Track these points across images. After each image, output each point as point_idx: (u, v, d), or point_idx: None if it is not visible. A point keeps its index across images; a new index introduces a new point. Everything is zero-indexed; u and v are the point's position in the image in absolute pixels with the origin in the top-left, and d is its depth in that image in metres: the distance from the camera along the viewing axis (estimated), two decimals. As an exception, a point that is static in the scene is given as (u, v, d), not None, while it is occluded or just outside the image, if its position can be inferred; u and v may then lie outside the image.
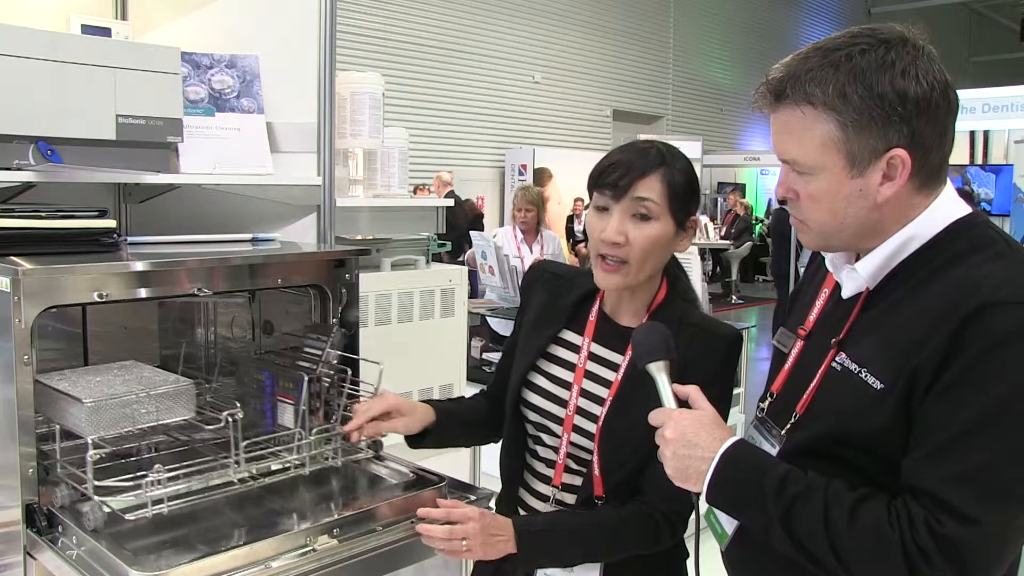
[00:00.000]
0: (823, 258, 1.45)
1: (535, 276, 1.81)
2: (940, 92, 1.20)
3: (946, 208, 1.26)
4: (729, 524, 1.42)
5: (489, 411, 1.83)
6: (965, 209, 1.28)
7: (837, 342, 1.31)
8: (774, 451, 1.34)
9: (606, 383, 1.63)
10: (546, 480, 1.67)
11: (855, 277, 1.31)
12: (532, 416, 1.67)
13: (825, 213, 1.27)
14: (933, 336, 1.16)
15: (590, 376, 1.64)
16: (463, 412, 1.85)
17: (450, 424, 1.79)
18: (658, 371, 1.39)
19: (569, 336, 1.69)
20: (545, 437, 1.67)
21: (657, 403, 1.37)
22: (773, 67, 1.28)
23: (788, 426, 1.34)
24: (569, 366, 1.66)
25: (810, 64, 1.22)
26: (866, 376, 1.24)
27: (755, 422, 1.44)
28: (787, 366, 1.42)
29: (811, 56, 1.24)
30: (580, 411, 1.63)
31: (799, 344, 1.41)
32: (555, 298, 1.72)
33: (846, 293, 1.35)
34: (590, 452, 1.61)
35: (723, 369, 1.60)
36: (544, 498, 1.67)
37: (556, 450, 1.64)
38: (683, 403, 1.37)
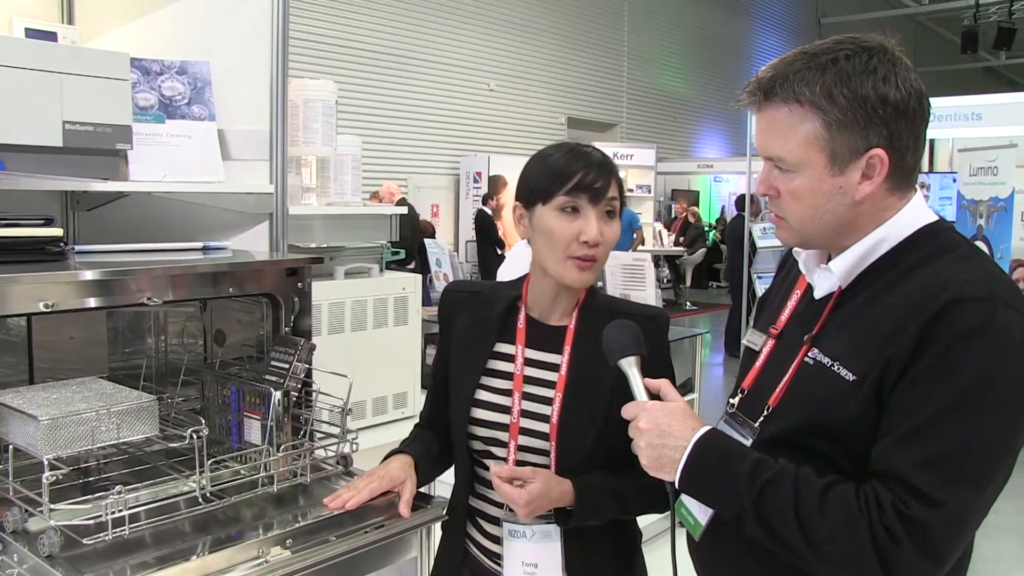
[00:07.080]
0: (793, 263, 1.51)
1: (453, 298, 1.81)
2: (916, 99, 1.28)
3: (916, 214, 1.34)
4: (702, 515, 1.45)
5: (438, 439, 1.81)
6: (932, 216, 1.35)
7: (810, 338, 1.36)
8: (747, 443, 1.38)
9: (549, 384, 1.65)
10: None
11: (828, 276, 1.37)
12: (481, 432, 1.68)
13: (806, 209, 1.33)
14: (904, 330, 1.22)
15: (530, 380, 1.66)
16: (427, 449, 1.81)
17: (424, 465, 1.77)
18: (630, 366, 1.44)
19: (503, 348, 1.70)
20: (494, 449, 1.67)
21: (621, 396, 1.42)
22: (762, 69, 1.35)
23: (761, 419, 1.39)
24: (508, 376, 1.68)
25: (797, 66, 1.29)
26: (839, 369, 1.29)
27: (726, 417, 1.48)
28: (759, 363, 1.47)
29: (798, 59, 1.31)
30: (525, 414, 1.65)
31: (770, 343, 1.47)
32: (480, 315, 1.73)
33: (819, 293, 1.40)
34: (542, 452, 1.63)
35: (660, 346, 1.67)
36: (499, 505, 1.68)
37: (505, 459, 1.65)
38: (654, 396, 1.41)
